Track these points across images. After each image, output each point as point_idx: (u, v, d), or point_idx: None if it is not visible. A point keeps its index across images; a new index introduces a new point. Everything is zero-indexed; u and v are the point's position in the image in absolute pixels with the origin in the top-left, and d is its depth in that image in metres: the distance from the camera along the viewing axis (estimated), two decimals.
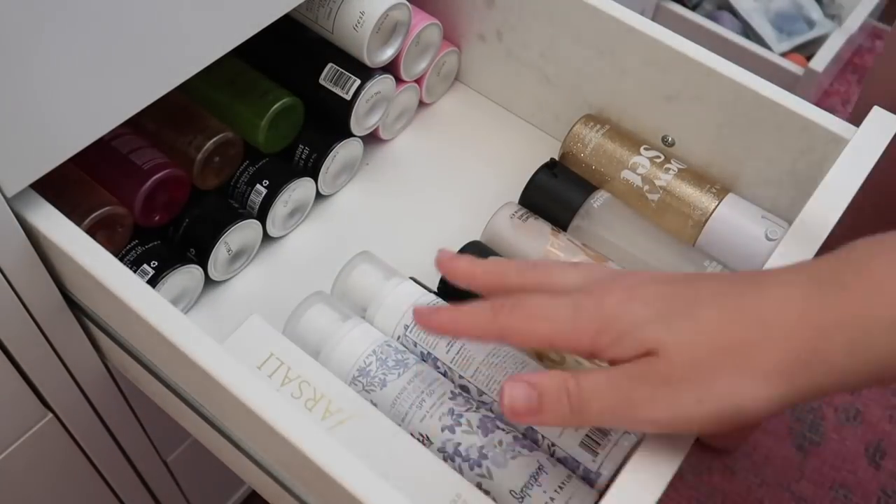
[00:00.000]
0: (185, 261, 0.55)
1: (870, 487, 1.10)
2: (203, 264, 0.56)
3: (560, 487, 0.43)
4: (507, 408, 0.37)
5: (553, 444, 0.45)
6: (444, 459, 0.44)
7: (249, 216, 0.58)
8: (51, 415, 0.56)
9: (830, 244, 0.49)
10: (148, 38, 0.42)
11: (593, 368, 0.45)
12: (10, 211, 0.43)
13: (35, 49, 0.38)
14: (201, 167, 0.55)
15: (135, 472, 0.69)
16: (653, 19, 1.16)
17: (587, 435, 0.44)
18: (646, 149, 0.59)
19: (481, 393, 0.47)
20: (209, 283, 0.58)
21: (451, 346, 0.48)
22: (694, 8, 1.54)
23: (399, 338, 0.50)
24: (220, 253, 0.56)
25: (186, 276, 0.55)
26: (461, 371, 0.48)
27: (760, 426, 1.08)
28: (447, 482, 0.42)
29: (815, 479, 1.11)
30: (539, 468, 0.43)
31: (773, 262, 0.46)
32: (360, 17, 0.56)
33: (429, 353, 0.49)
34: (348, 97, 0.59)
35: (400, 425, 0.45)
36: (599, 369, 0.37)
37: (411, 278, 0.53)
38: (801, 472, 1.11)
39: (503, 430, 0.45)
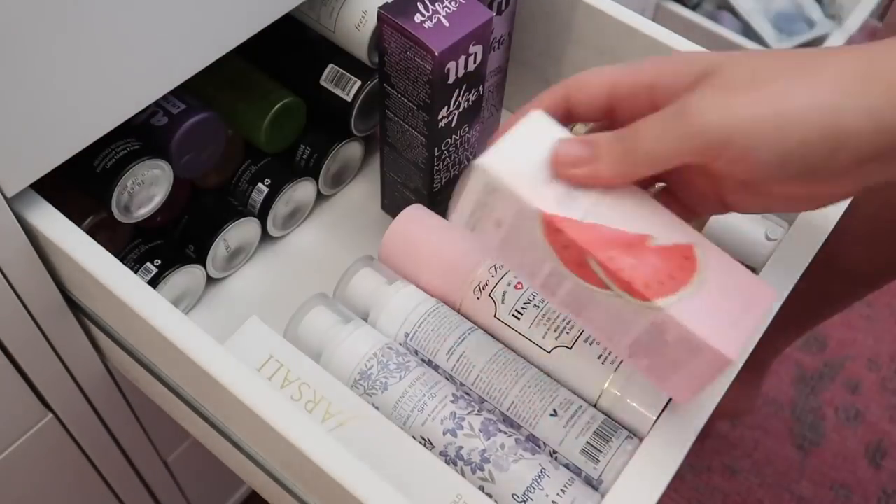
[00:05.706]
0: (187, 260, 0.55)
1: (870, 487, 1.10)
2: (201, 261, 0.56)
3: (563, 490, 0.42)
4: (560, 159, 0.37)
5: (554, 452, 0.45)
6: (447, 463, 0.44)
7: (248, 213, 0.58)
8: (51, 415, 0.55)
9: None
10: (148, 38, 0.42)
11: None
12: (10, 211, 0.42)
13: (35, 49, 0.38)
14: None
15: (135, 472, 0.69)
16: (653, 19, 1.16)
17: (588, 442, 0.44)
18: None
19: (482, 400, 0.47)
20: (209, 283, 0.58)
21: (452, 353, 0.48)
22: (694, 8, 1.54)
23: (401, 344, 0.50)
24: (218, 250, 0.56)
25: (188, 276, 0.55)
26: (462, 379, 0.48)
27: (760, 428, 1.08)
28: (447, 483, 0.42)
29: (815, 479, 1.11)
30: (541, 471, 0.43)
31: (774, 262, 0.46)
32: (363, 17, 0.56)
33: (430, 360, 0.49)
34: (349, 98, 0.59)
35: (402, 429, 0.45)
36: None
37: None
38: (801, 472, 1.11)
39: (505, 433, 0.45)
